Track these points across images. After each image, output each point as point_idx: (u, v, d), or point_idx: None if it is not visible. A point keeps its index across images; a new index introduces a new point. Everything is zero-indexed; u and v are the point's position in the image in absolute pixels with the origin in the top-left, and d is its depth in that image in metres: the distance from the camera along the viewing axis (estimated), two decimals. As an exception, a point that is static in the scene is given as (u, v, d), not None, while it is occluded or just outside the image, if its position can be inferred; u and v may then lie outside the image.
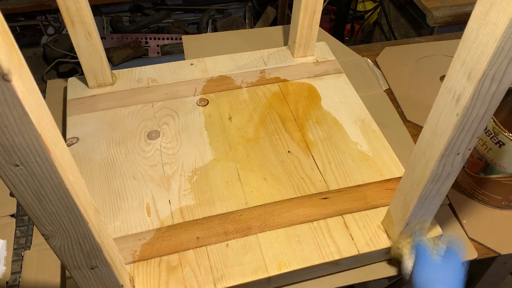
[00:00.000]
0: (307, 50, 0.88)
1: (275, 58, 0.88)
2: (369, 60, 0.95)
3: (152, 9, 1.92)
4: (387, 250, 0.60)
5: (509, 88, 0.40)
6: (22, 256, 0.63)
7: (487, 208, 0.70)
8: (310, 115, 0.77)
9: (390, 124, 0.81)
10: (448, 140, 0.43)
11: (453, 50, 0.39)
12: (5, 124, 0.29)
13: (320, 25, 0.85)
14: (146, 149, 0.71)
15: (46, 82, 0.88)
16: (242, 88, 0.82)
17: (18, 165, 0.32)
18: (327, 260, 0.58)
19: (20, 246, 0.65)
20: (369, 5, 1.85)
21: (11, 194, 0.68)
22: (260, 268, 0.57)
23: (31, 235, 0.66)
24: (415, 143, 0.65)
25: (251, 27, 1.92)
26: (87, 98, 0.79)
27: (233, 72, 0.85)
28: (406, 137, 0.79)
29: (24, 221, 0.68)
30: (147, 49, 1.79)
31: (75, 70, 1.76)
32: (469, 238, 0.66)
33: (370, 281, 0.61)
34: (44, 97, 0.84)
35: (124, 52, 1.71)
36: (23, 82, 0.29)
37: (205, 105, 0.79)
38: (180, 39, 1.11)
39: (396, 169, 0.69)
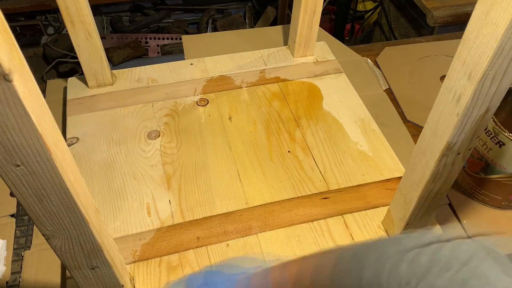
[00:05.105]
0: (307, 50, 0.88)
1: (275, 58, 0.88)
2: (369, 60, 0.95)
3: (152, 9, 1.92)
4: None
5: (509, 88, 0.40)
6: (22, 256, 0.63)
7: (487, 208, 0.70)
8: (310, 115, 0.77)
9: (390, 124, 0.81)
10: (448, 140, 0.43)
11: (453, 50, 0.39)
12: (6, 124, 0.29)
13: (320, 25, 0.85)
14: (146, 149, 0.71)
15: (46, 82, 0.88)
16: (242, 88, 0.82)
17: (19, 165, 0.32)
18: (327, 260, 0.58)
19: (20, 246, 0.65)
20: (369, 5, 1.85)
21: (11, 194, 0.68)
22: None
23: (31, 235, 0.66)
24: (415, 143, 0.65)
25: (251, 27, 1.92)
26: (87, 98, 0.79)
27: (233, 72, 0.85)
28: (406, 137, 0.79)
29: (24, 221, 0.68)
30: (147, 49, 1.79)
31: (75, 70, 1.76)
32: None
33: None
34: (44, 97, 0.84)
35: (124, 52, 1.71)
36: (24, 82, 0.29)
37: (205, 105, 0.79)
38: (180, 39, 1.11)
39: (396, 169, 0.69)
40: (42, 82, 1.48)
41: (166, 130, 0.74)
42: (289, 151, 0.71)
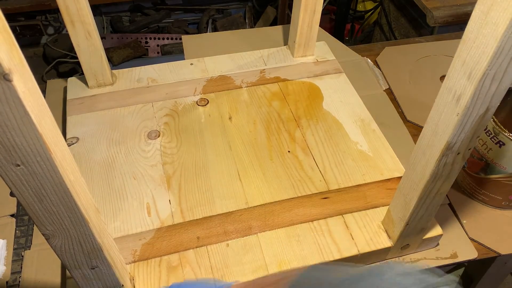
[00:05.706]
0: (307, 50, 0.88)
1: (275, 58, 0.88)
2: (369, 60, 0.95)
3: (152, 9, 1.92)
4: (387, 249, 0.60)
5: (509, 88, 0.40)
6: (22, 256, 0.63)
7: (487, 208, 0.70)
8: (310, 115, 0.77)
9: (390, 124, 0.81)
10: (448, 140, 0.43)
11: (453, 50, 0.39)
12: (6, 123, 0.29)
13: (320, 25, 0.85)
14: (146, 149, 0.71)
15: (46, 82, 0.88)
16: (242, 88, 0.82)
17: (19, 165, 0.32)
18: (327, 259, 0.58)
19: (20, 246, 0.65)
20: (369, 5, 1.86)
21: (11, 194, 0.68)
22: (261, 268, 0.57)
23: (31, 235, 0.66)
24: (415, 143, 0.65)
25: (251, 27, 1.92)
26: (87, 98, 0.79)
27: (233, 72, 0.85)
28: (406, 137, 0.79)
29: (24, 221, 0.68)
30: (147, 49, 1.79)
31: (75, 70, 1.76)
32: (469, 238, 0.66)
33: (370, 281, 0.61)
34: (44, 97, 0.84)
35: (124, 52, 1.71)
36: (24, 82, 0.29)
37: (205, 105, 0.79)
38: (180, 39, 1.12)
39: (396, 169, 0.69)
40: (42, 82, 1.48)
41: (166, 130, 0.74)
42: (289, 151, 0.71)
